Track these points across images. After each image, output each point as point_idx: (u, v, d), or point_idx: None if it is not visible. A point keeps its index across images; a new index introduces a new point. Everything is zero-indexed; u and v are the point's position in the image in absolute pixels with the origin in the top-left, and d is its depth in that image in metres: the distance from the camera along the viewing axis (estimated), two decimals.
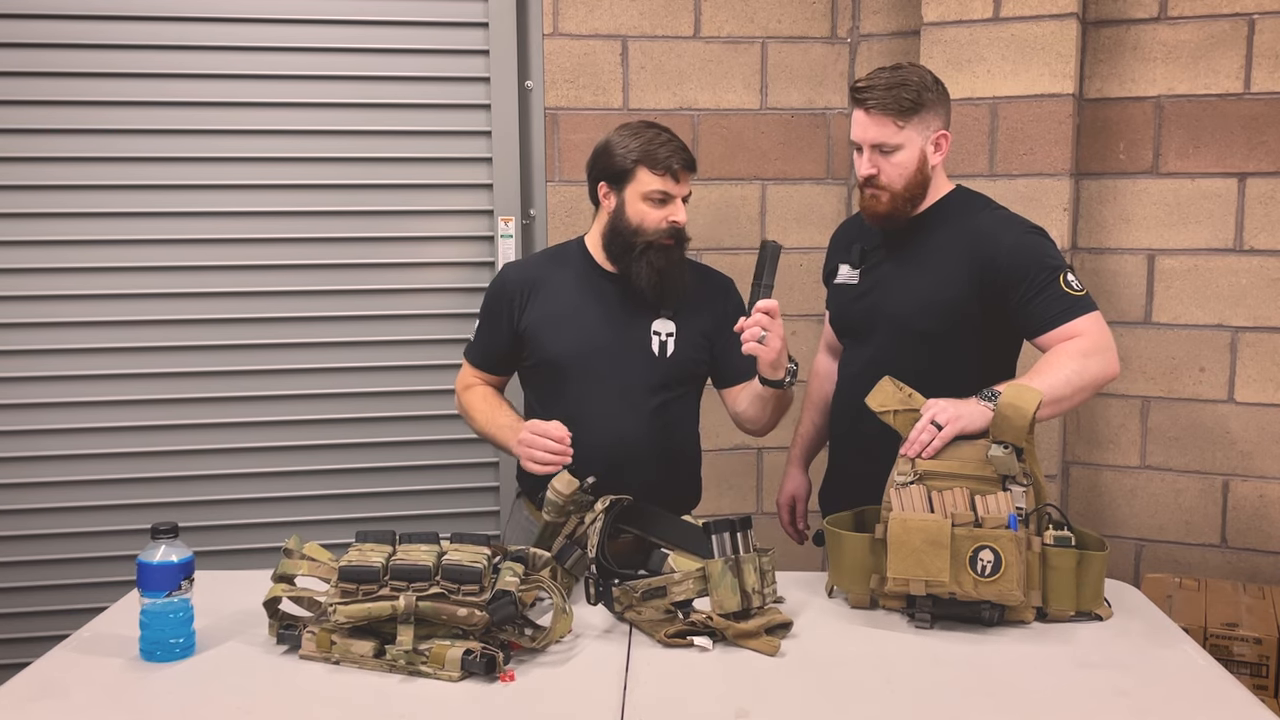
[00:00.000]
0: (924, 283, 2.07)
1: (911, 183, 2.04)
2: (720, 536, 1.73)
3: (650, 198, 2.05)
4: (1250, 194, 2.76)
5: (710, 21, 3.03)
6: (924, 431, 1.83)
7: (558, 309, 2.12)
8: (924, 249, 2.09)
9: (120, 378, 2.86)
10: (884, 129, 2.01)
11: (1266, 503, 2.80)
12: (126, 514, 2.87)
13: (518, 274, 2.19)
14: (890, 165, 2.03)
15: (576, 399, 2.09)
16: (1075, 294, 1.97)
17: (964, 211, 2.10)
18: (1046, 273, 1.97)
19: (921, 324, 2.07)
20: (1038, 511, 1.81)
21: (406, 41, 2.90)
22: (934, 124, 2.05)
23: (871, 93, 2.00)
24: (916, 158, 2.03)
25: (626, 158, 2.05)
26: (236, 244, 2.88)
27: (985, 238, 2.04)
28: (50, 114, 2.78)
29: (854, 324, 2.21)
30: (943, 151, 2.07)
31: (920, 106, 2.01)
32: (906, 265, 2.11)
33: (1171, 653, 1.71)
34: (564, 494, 1.88)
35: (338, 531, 2.73)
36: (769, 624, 1.71)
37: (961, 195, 2.14)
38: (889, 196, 2.05)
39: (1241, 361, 2.80)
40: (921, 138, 2.03)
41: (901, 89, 1.99)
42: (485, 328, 2.19)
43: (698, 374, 2.20)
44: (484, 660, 1.58)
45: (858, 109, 2.04)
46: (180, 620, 1.66)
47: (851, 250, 2.20)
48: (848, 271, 2.21)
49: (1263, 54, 2.72)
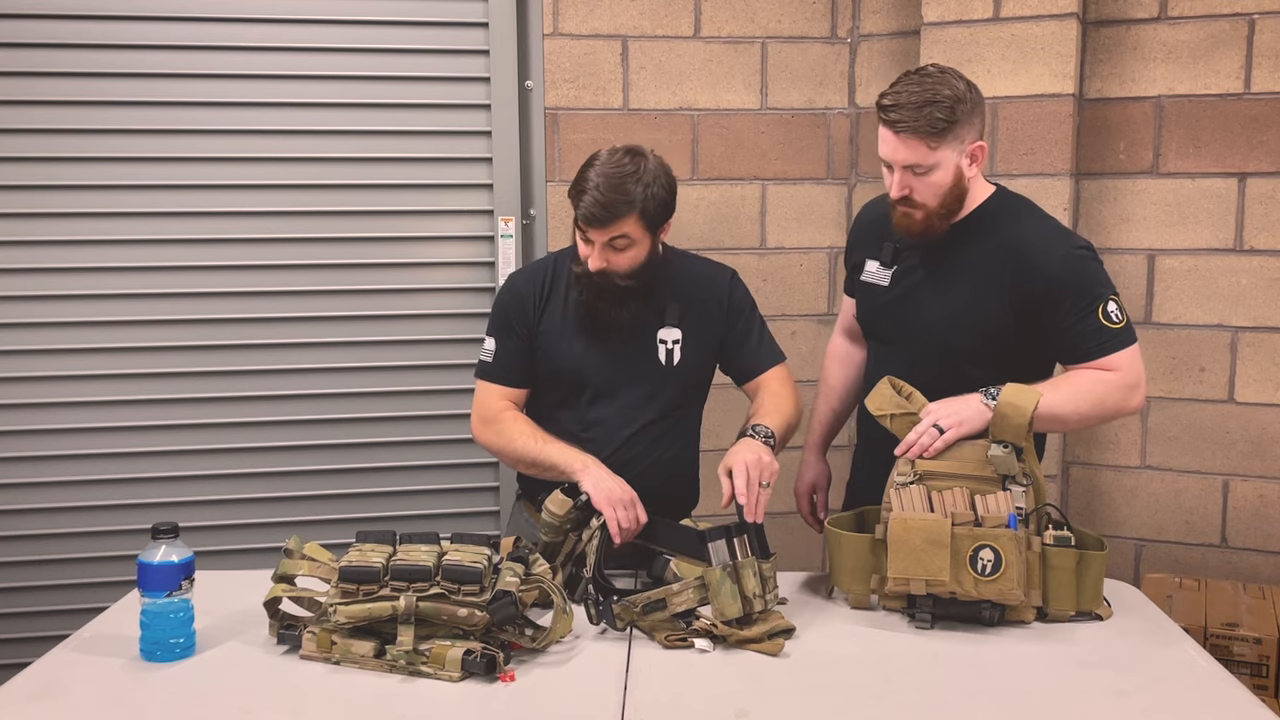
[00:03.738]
0: (960, 297, 1.98)
1: (947, 199, 1.93)
2: (717, 544, 1.73)
3: (579, 231, 1.99)
4: (1250, 194, 2.76)
5: (710, 21, 3.03)
6: (924, 435, 1.83)
7: (567, 318, 2.07)
8: (963, 258, 1.99)
9: (120, 378, 2.86)
10: (915, 151, 1.87)
11: (1266, 503, 2.80)
12: (126, 514, 2.87)
13: (527, 279, 2.12)
14: (924, 185, 1.91)
15: (585, 411, 2.08)
16: (1114, 326, 1.89)
17: (1006, 219, 1.99)
18: (1089, 300, 1.89)
19: (955, 340, 1.98)
20: (1037, 511, 1.81)
21: (406, 41, 2.89)
22: (969, 137, 1.91)
23: (900, 112, 1.86)
24: (952, 175, 1.91)
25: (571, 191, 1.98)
26: (236, 244, 2.87)
27: (1030, 251, 1.93)
28: (50, 114, 2.78)
29: (884, 330, 2.13)
30: (979, 163, 1.95)
31: (954, 124, 1.86)
32: (942, 275, 2.01)
33: (1171, 653, 1.71)
34: (559, 514, 1.87)
35: (338, 531, 2.73)
36: (771, 631, 1.71)
37: (1002, 200, 2.03)
38: (924, 215, 1.94)
39: (1241, 361, 2.80)
40: (956, 154, 1.90)
41: (933, 107, 1.85)
42: (504, 341, 2.09)
43: (703, 379, 2.18)
44: (484, 660, 1.58)
45: (886, 128, 1.89)
46: (180, 620, 1.66)
47: (883, 247, 2.09)
48: (877, 270, 2.10)
49: (1263, 54, 2.72)
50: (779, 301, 3.11)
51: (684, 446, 2.17)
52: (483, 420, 2.09)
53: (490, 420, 2.08)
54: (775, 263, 3.12)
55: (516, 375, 2.10)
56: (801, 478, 2.34)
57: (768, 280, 3.11)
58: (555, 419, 2.08)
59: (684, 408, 2.15)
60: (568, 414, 2.08)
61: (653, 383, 2.08)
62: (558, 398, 2.10)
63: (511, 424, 2.05)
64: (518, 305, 2.09)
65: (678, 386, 2.11)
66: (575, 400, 2.08)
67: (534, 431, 2.03)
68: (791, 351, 3.09)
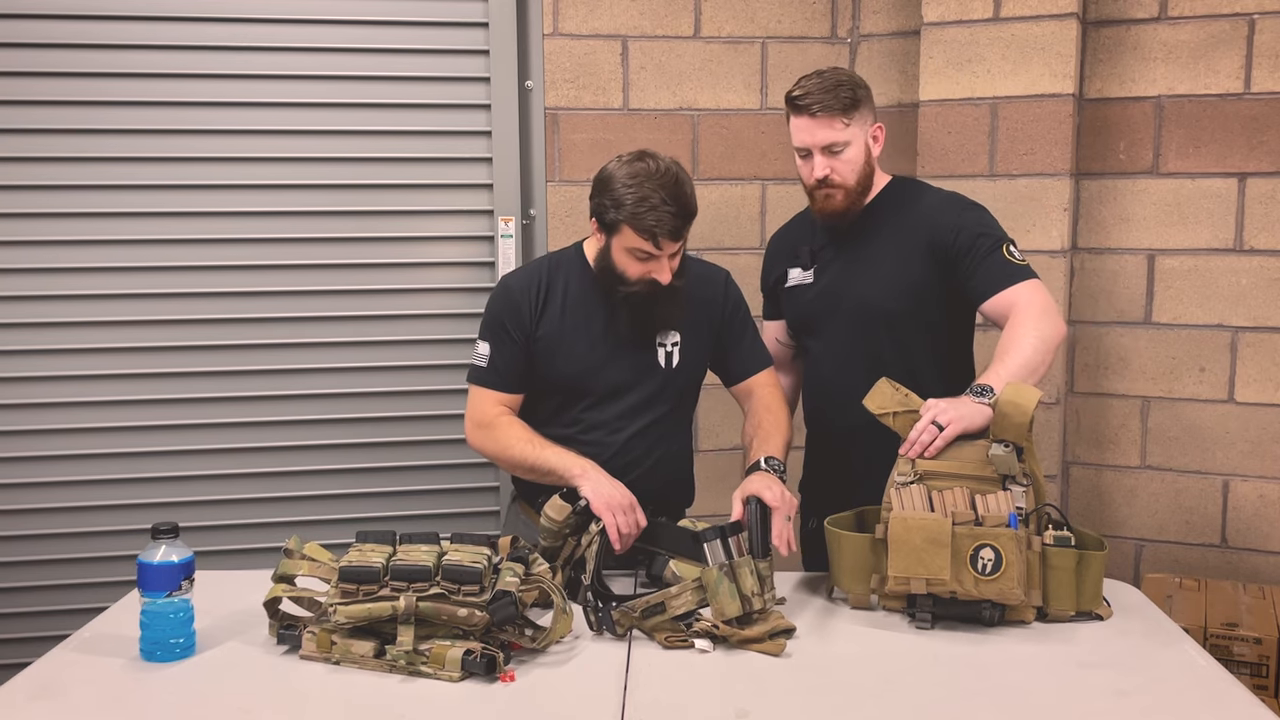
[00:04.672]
0: (885, 266, 2.17)
1: (862, 175, 2.15)
2: (712, 545, 1.73)
3: (633, 254, 1.97)
4: (1250, 194, 2.76)
5: (710, 21, 3.03)
6: (924, 432, 1.84)
7: (565, 323, 2.06)
8: (877, 237, 2.19)
9: (120, 378, 2.86)
10: (832, 129, 2.09)
11: (1266, 503, 2.80)
12: (126, 514, 2.87)
13: (522, 283, 2.09)
14: (841, 163, 2.12)
15: (584, 414, 2.07)
16: (1017, 263, 2.08)
17: (909, 197, 2.22)
18: (990, 241, 2.09)
19: (889, 304, 2.16)
20: (1037, 511, 1.81)
21: (406, 41, 2.89)
22: (869, 118, 2.15)
23: (814, 97, 2.09)
24: (863, 152, 2.14)
25: (616, 212, 1.94)
26: (236, 244, 2.87)
27: (935, 215, 2.16)
28: (50, 114, 2.77)
29: (815, 318, 2.27)
30: (880, 143, 2.19)
31: (859, 102, 2.11)
32: (863, 254, 2.20)
33: (1171, 653, 1.71)
34: (558, 520, 1.87)
35: (338, 531, 2.73)
36: (773, 630, 1.71)
37: (901, 183, 2.26)
38: (844, 194, 2.14)
39: (1241, 361, 2.80)
40: (864, 133, 2.14)
41: (839, 89, 2.09)
42: (499, 345, 2.06)
43: (699, 379, 2.19)
44: (484, 660, 1.58)
45: (799, 116, 2.11)
46: (180, 620, 1.66)
47: (799, 254, 2.28)
48: (800, 274, 2.28)
49: (1263, 54, 2.72)
50: None
51: (680, 446, 2.18)
52: (478, 425, 2.08)
53: (485, 425, 2.06)
54: None
55: (512, 381, 2.08)
56: None
57: None
58: (554, 422, 2.07)
59: (680, 409, 2.16)
60: (567, 417, 2.08)
61: (653, 385, 2.08)
62: (557, 401, 2.09)
63: (507, 429, 2.04)
64: (513, 310, 2.06)
65: (676, 388, 2.11)
66: (575, 404, 2.08)
67: (530, 436, 2.02)
68: None
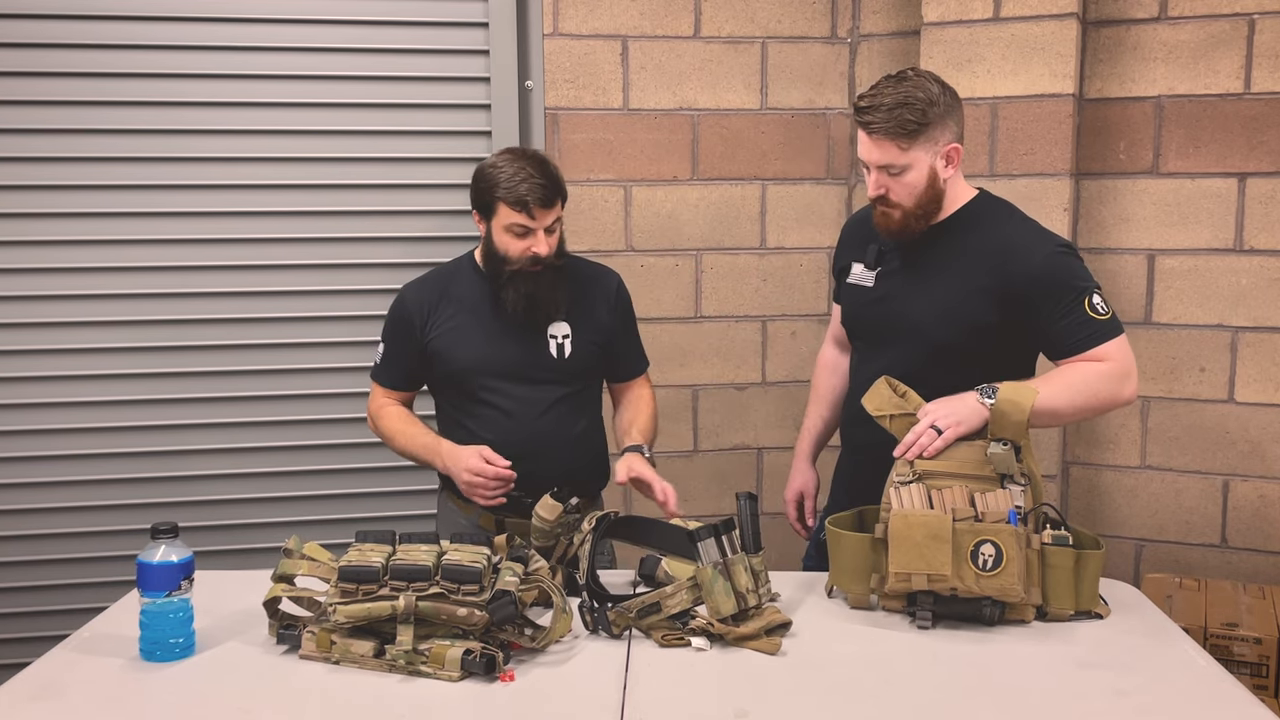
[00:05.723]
0: (944, 293, 2.01)
1: (922, 199, 1.97)
2: (706, 543, 1.73)
3: (511, 230, 2.10)
4: (1250, 194, 2.76)
5: (710, 21, 3.03)
6: (922, 435, 1.83)
7: (458, 324, 2.20)
8: (945, 258, 2.02)
9: (120, 378, 2.86)
10: (887, 152, 1.93)
11: (1266, 503, 2.80)
12: (126, 514, 2.87)
13: (416, 294, 2.25)
14: (899, 185, 1.96)
15: (485, 405, 2.18)
16: (1100, 318, 1.92)
17: (988, 221, 2.03)
18: (1074, 295, 1.92)
19: (940, 335, 2.00)
20: (1035, 511, 1.81)
21: (406, 41, 2.89)
22: (943, 139, 1.95)
23: (874, 114, 1.92)
24: (925, 176, 1.95)
25: (490, 192, 2.10)
26: (236, 244, 2.87)
27: (1013, 252, 1.96)
28: (50, 114, 2.77)
29: (868, 330, 2.15)
30: (954, 164, 1.99)
31: (925, 126, 1.91)
32: (926, 273, 2.04)
33: (1171, 653, 1.71)
34: (549, 519, 1.89)
35: (338, 531, 2.73)
36: (768, 625, 1.71)
37: (985, 202, 2.06)
38: (901, 214, 1.99)
39: (1241, 361, 2.80)
40: (929, 155, 1.94)
41: (905, 109, 1.90)
42: (391, 349, 2.27)
43: (595, 369, 2.29)
44: (484, 660, 1.58)
45: (861, 130, 1.96)
46: (180, 620, 1.66)
47: (867, 250, 2.13)
48: (862, 271, 2.14)
49: (1263, 54, 2.72)
50: (779, 302, 3.11)
51: (589, 425, 2.27)
52: (370, 415, 2.32)
53: (374, 415, 2.31)
54: (775, 263, 3.12)
55: (399, 379, 2.29)
56: (791, 484, 2.38)
57: (768, 280, 3.11)
58: (465, 410, 2.20)
59: (585, 391, 2.26)
60: (474, 404, 2.19)
61: (549, 369, 2.20)
62: (466, 390, 2.20)
63: (388, 418, 2.27)
64: (405, 319, 2.23)
65: (572, 373, 2.22)
66: (480, 390, 2.18)
67: (404, 426, 2.23)
68: (791, 352, 3.11)
